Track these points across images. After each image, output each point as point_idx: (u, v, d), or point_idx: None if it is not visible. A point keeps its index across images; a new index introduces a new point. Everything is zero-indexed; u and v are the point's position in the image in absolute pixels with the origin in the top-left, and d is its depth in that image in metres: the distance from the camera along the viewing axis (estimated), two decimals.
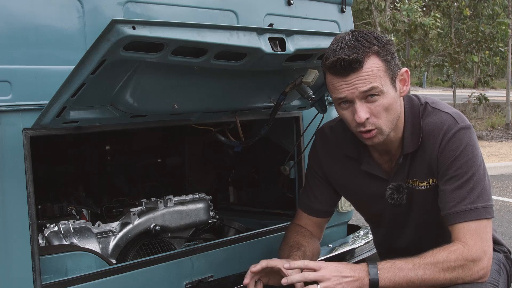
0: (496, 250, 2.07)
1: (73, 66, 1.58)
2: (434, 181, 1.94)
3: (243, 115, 2.38)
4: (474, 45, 13.83)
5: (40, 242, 2.09)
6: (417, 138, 1.93)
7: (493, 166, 9.18)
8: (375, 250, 2.42)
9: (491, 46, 14.11)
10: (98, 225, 2.35)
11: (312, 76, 2.08)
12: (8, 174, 1.77)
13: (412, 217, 2.05)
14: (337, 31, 2.58)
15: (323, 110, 2.47)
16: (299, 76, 2.11)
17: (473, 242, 1.80)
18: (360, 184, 2.08)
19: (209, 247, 2.32)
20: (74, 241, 2.18)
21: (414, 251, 1.86)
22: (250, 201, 3.11)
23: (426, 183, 1.96)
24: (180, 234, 2.60)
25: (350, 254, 2.76)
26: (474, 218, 1.82)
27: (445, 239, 1.88)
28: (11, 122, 1.79)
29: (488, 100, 15.37)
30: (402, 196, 2.00)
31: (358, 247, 2.81)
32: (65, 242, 2.16)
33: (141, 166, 3.09)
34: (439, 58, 15.17)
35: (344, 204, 2.84)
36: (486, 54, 14.58)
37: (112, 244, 2.37)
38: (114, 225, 2.41)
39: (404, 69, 1.89)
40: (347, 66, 1.75)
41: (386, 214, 2.08)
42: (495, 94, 21.27)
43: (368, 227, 2.75)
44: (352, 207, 2.83)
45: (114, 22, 1.43)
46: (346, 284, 1.76)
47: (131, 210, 2.45)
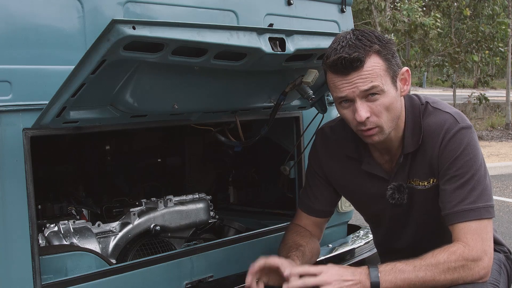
0: (496, 250, 2.06)
1: (73, 66, 1.58)
2: (435, 181, 1.94)
3: (243, 115, 2.38)
4: (474, 45, 13.83)
5: (40, 242, 2.09)
6: (417, 137, 1.93)
7: (493, 166, 9.18)
8: (375, 250, 2.42)
9: (491, 46, 14.11)
10: (98, 225, 2.35)
11: (312, 76, 2.08)
12: (8, 174, 1.77)
13: (412, 217, 2.05)
14: (337, 31, 2.57)
15: (323, 110, 2.47)
16: (299, 76, 2.10)
17: (473, 242, 1.80)
18: (360, 184, 2.08)
19: (209, 247, 2.32)
20: (74, 241, 2.18)
21: (415, 251, 1.86)
22: (250, 201, 3.11)
23: (426, 183, 1.96)
24: (180, 234, 2.59)
25: (350, 254, 2.75)
26: (474, 218, 1.82)
27: (445, 239, 1.87)
28: (11, 122, 1.79)
29: (488, 100, 15.36)
30: (403, 196, 1.99)
31: (358, 247, 2.81)
32: (65, 242, 2.16)
33: (141, 166, 3.09)
34: (439, 58, 15.15)
35: (344, 204, 2.83)
36: (486, 54, 14.58)
37: (112, 244, 2.37)
38: (114, 225, 2.41)
39: (404, 68, 1.89)
40: (348, 65, 1.75)
41: (386, 214, 2.08)
42: (495, 94, 21.27)
43: (368, 227, 2.75)
44: (352, 207, 2.83)
45: (114, 22, 1.43)
46: (348, 287, 1.75)
47: (131, 210, 2.45)
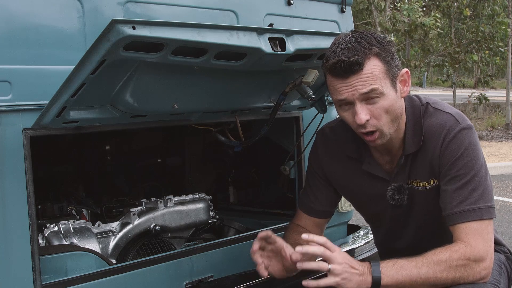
0: (496, 251, 2.06)
1: (73, 66, 1.58)
2: (436, 181, 1.93)
3: (243, 115, 2.37)
4: (474, 45, 13.83)
5: (40, 242, 2.09)
6: (418, 138, 1.93)
7: (493, 166, 9.18)
8: (375, 250, 2.42)
9: (491, 46, 14.11)
10: (98, 225, 2.35)
11: (312, 76, 2.08)
12: (8, 174, 1.77)
13: (413, 217, 2.05)
14: (337, 31, 2.58)
15: (323, 110, 2.47)
16: (299, 76, 2.10)
17: (475, 242, 1.80)
18: (361, 184, 2.08)
19: (209, 247, 2.32)
20: (74, 241, 2.18)
21: (415, 252, 1.86)
22: (250, 201, 3.11)
23: (427, 184, 1.96)
24: (180, 234, 2.59)
25: (350, 254, 2.74)
26: (476, 218, 1.82)
27: (446, 240, 1.87)
28: (11, 122, 1.79)
29: (488, 100, 15.36)
30: (403, 196, 1.99)
31: (358, 247, 2.81)
32: (65, 242, 2.16)
33: (141, 166, 3.09)
34: (439, 58, 15.16)
35: (344, 204, 2.83)
36: (486, 54, 14.57)
37: (112, 244, 2.37)
38: (114, 225, 2.41)
39: (404, 70, 1.88)
40: (347, 68, 1.75)
41: (386, 215, 2.08)
42: (495, 94, 21.26)
43: (368, 227, 2.75)
44: (352, 207, 2.83)
45: (114, 22, 1.43)
46: (351, 275, 1.77)
47: (131, 210, 2.45)
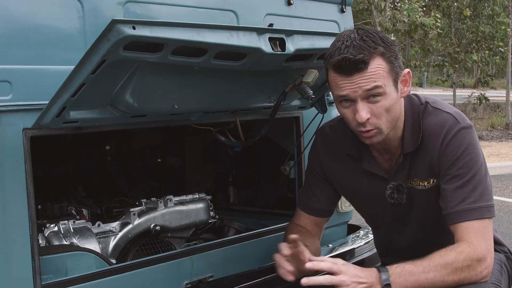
0: (497, 250, 2.06)
1: (73, 66, 1.58)
2: (435, 181, 1.93)
3: (243, 115, 2.37)
4: (474, 45, 13.83)
5: (40, 242, 2.09)
6: (417, 137, 1.93)
7: (493, 166, 9.17)
8: (375, 250, 2.41)
9: (491, 46, 14.10)
10: (98, 225, 2.34)
11: (312, 76, 2.08)
12: (8, 174, 1.77)
13: (412, 217, 2.05)
14: (337, 31, 2.57)
15: (323, 110, 2.47)
16: (299, 76, 2.10)
17: (477, 241, 1.80)
18: (360, 183, 2.08)
19: (209, 247, 2.31)
20: (74, 241, 2.18)
21: (415, 252, 1.85)
22: (250, 201, 3.11)
23: (427, 183, 1.95)
24: (180, 234, 2.59)
25: (350, 254, 2.75)
26: (477, 217, 1.82)
27: (446, 240, 1.87)
28: (11, 122, 1.79)
29: (488, 100, 15.36)
30: (401, 195, 1.99)
31: (358, 247, 2.81)
32: (65, 242, 2.16)
33: (141, 166, 3.09)
34: (439, 58, 15.16)
35: (344, 204, 2.83)
36: (486, 54, 14.57)
37: (112, 244, 2.37)
38: (114, 225, 2.41)
39: (406, 70, 1.88)
40: (352, 66, 1.75)
41: (386, 214, 2.08)
42: (495, 94, 21.25)
43: (368, 227, 2.75)
44: (352, 207, 2.82)
45: (114, 22, 1.43)
46: (359, 285, 1.74)
47: (131, 210, 2.45)
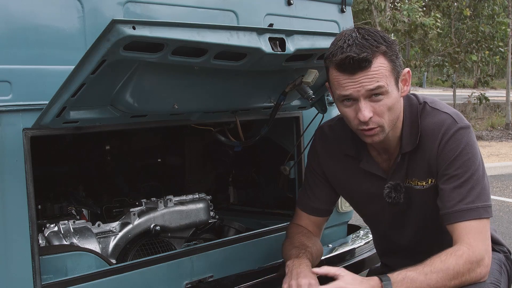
0: (496, 250, 2.07)
1: (73, 66, 1.58)
2: (433, 181, 1.93)
3: (243, 115, 2.38)
4: (474, 45, 13.82)
5: (40, 242, 2.09)
6: (415, 137, 1.93)
7: (493, 166, 9.17)
8: (375, 250, 2.41)
9: (491, 46, 14.10)
10: (98, 225, 2.35)
11: (312, 76, 2.08)
12: (8, 174, 1.77)
13: (411, 217, 2.05)
14: (337, 31, 2.57)
15: (323, 110, 2.47)
16: (299, 76, 2.11)
17: (475, 242, 1.79)
18: (359, 183, 2.08)
19: (209, 247, 2.32)
20: (74, 241, 2.18)
21: (414, 252, 1.86)
22: (250, 201, 3.11)
23: (425, 183, 1.96)
24: (180, 234, 2.60)
25: (350, 254, 2.75)
26: (474, 217, 1.82)
27: (445, 240, 1.87)
28: (11, 122, 1.79)
29: (488, 100, 15.36)
30: (399, 195, 1.99)
31: (358, 247, 2.81)
32: (65, 242, 2.16)
33: (141, 166, 3.09)
34: (439, 58, 15.15)
35: (344, 204, 2.83)
36: (486, 54, 14.57)
37: (112, 244, 2.37)
38: (114, 225, 2.41)
39: (406, 69, 1.89)
40: (356, 65, 1.74)
41: (384, 214, 2.08)
42: (495, 94, 21.23)
43: (368, 227, 2.74)
44: (352, 207, 2.83)
45: (114, 22, 1.43)
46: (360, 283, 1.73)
47: (131, 210, 2.45)
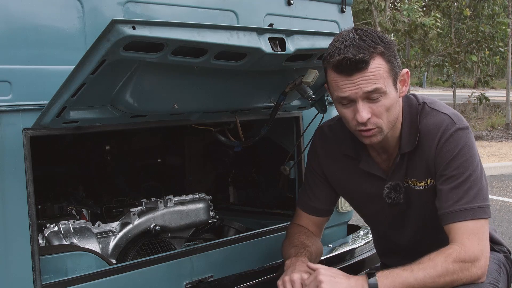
0: (496, 250, 2.07)
1: (73, 66, 1.58)
2: (432, 181, 1.93)
3: (243, 115, 2.38)
4: (474, 45, 13.82)
5: (40, 242, 2.09)
6: (414, 137, 1.93)
7: (493, 166, 9.17)
8: (375, 250, 2.42)
9: (491, 46, 14.10)
10: (98, 225, 2.35)
11: (312, 76, 2.08)
12: (8, 174, 1.78)
13: (410, 217, 2.05)
14: (337, 31, 2.57)
15: (323, 110, 2.47)
16: (299, 76, 2.11)
17: (470, 242, 1.79)
18: (358, 183, 2.08)
19: (209, 247, 2.32)
20: (74, 241, 2.18)
21: (414, 252, 1.85)
22: (250, 201, 3.11)
23: (424, 183, 1.95)
24: (180, 234, 2.60)
25: (350, 254, 2.75)
26: (470, 217, 1.82)
27: (444, 240, 1.87)
28: (11, 122, 1.79)
29: (488, 100, 15.36)
30: (399, 195, 1.99)
31: (358, 247, 2.81)
32: (65, 242, 2.16)
33: (141, 166, 3.09)
34: (439, 58, 15.15)
35: (344, 204, 2.83)
36: (486, 54, 14.57)
37: (112, 244, 2.37)
38: (114, 225, 2.41)
39: (405, 70, 1.89)
40: (353, 66, 1.74)
41: (384, 214, 2.08)
42: (495, 94, 21.23)
43: (368, 227, 2.74)
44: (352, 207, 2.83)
45: (114, 22, 1.43)
46: (340, 278, 1.75)
47: (131, 210, 2.45)
